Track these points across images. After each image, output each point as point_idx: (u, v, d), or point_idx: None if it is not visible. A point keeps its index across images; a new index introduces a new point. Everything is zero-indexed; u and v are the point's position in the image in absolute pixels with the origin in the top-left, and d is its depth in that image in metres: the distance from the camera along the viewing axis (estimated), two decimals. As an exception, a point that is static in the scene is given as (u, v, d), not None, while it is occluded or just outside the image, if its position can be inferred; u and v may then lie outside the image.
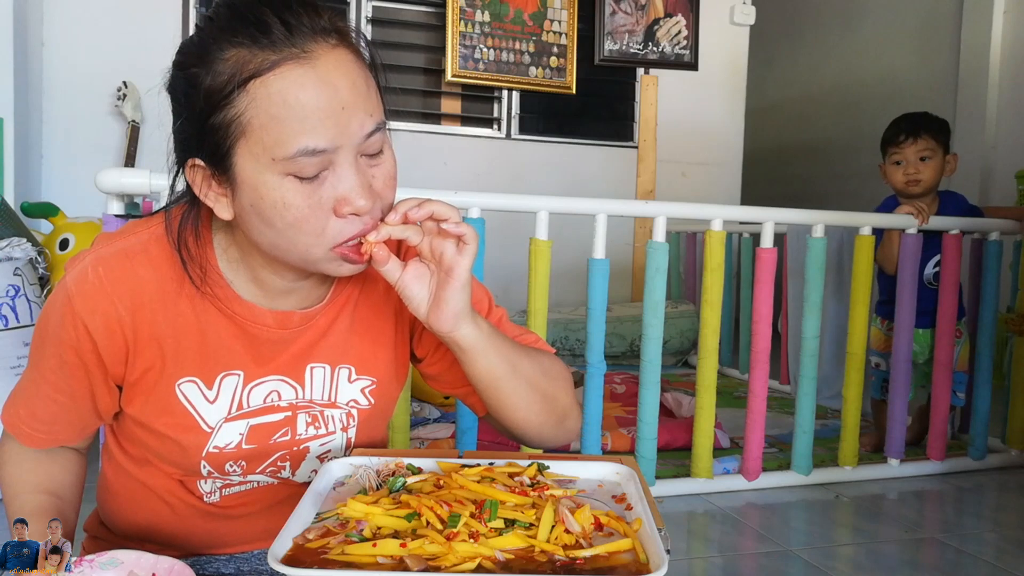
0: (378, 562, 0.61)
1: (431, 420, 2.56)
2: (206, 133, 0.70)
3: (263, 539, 0.91)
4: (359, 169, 0.72)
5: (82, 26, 3.49)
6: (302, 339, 0.85)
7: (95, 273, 0.77)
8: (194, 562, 0.89)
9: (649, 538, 0.65)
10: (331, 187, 0.71)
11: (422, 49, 4.07)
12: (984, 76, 4.39)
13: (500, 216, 2.02)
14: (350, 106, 0.69)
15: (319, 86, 0.68)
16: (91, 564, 0.70)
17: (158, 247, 0.79)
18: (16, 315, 1.96)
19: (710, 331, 2.13)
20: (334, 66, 0.69)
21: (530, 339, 0.94)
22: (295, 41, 0.68)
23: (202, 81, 0.69)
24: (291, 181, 0.70)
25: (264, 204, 0.71)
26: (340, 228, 0.72)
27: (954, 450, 2.52)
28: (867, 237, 2.29)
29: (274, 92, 0.67)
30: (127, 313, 0.78)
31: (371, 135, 0.72)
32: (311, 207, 0.70)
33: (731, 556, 1.83)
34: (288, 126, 0.67)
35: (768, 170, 5.91)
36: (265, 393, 0.84)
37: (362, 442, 0.92)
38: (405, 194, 1.96)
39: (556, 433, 0.90)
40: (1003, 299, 2.66)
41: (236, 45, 0.68)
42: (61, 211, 2.52)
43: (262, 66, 0.67)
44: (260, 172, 0.70)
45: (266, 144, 0.68)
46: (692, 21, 4.37)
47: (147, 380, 0.81)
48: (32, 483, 0.86)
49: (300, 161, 0.68)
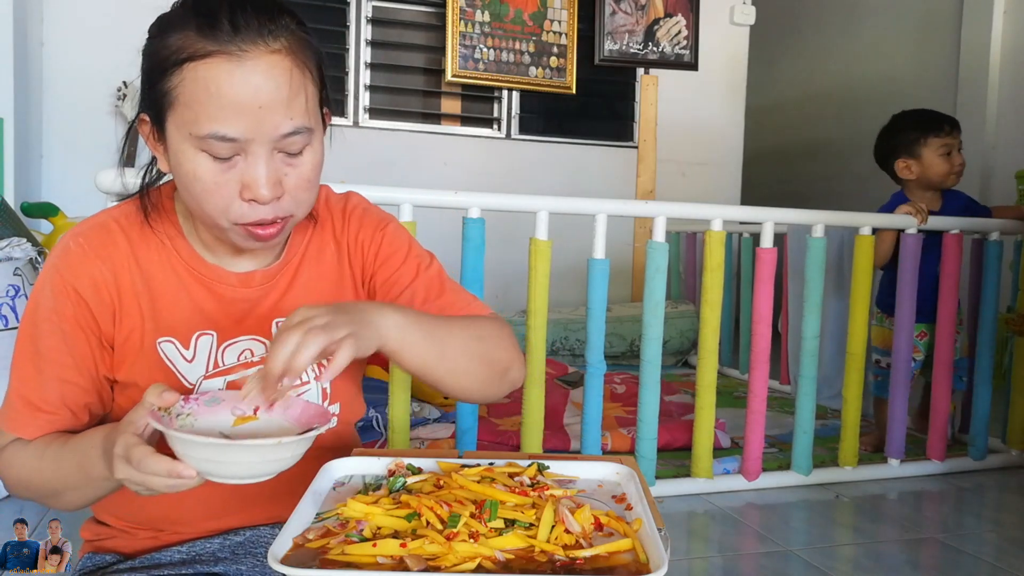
0: (378, 562, 0.61)
1: (431, 420, 2.56)
2: (151, 96, 0.80)
3: (254, 506, 0.91)
4: (270, 163, 0.78)
5: (82, 26, 3.49)
6: (268, 298, 0.91)
7: (76, 243, 0.85)
8: (189, 548, 0.90)
9: (649, 538, 0.65)
10: (240, 172, 0.78)
11: (422, 49, 4.07)
12: (984, 76, 4.38)
13: (500, 216, 2.02)
14: (267, 106, 0.76)
15: (240, 83, 0.75)
16: (197, 401, 0.77)
17: (128, 220, 0.88)
18: (16, 315, 1.96)
19: (710, 331, 2.13)
20: (264, 68, 0.76)
21: (461, 302, 0.96)
22: (236, 39, 0.75)
23: (155, 50, 0.78)
24: (204, 157, 0.77)
25: (181, 171, 0.80)
26: (243, 210, 0.79)
27: (954, 450, 2.52)
28: (867, 237, 2.29)
29: (200, 78, 0.75)
30: (111, 275, 0.85)
31: (288, 136, 0.78)
32: (217, 184, 0.78)
33: (731, 556, 1.83)
34: (205, 111, 0.75)
35: (768, 170, 5.90)
36: (238, 351, 0.90)
37: (340, 397, 0.96)
38: (404, 193, 1.95)
39: (500, 387, 0.92)
40: (1003, 299, 2.66)
41: (186, 29, 0.76)
42: (61, 211, 2.52)
43: (197, 53, 0.75)
44: (181, 142, 0.78)
45: (186, 120, 0.77)
46: (692, 21, 4.37)
47: (132, 342, 0.86)
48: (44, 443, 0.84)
49: (211, 142, 0.76)
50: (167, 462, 0.67)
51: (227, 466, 0.67)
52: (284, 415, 0.78)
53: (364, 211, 0.99)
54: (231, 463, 0.67)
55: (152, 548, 0.91)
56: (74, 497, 0.82)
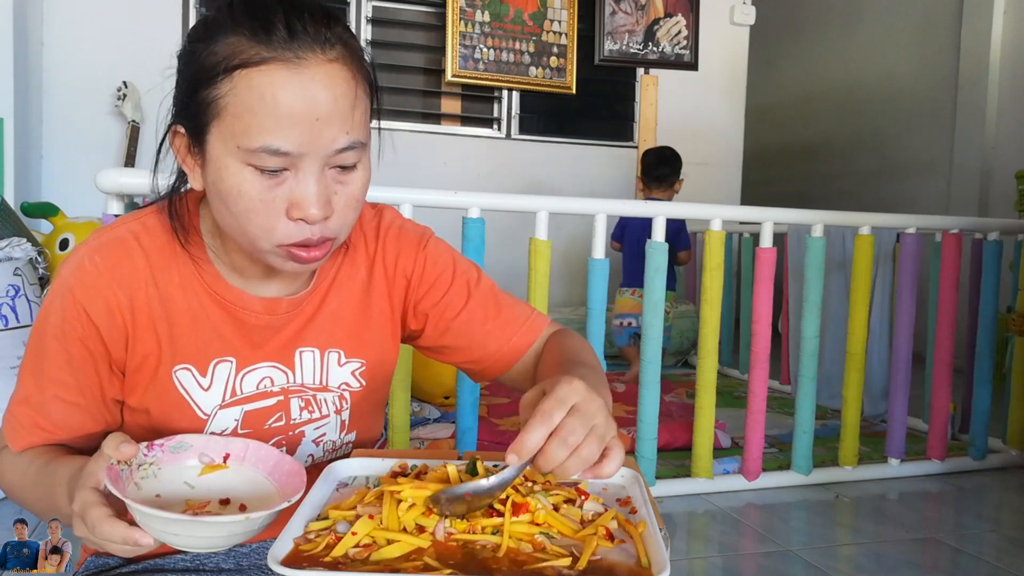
0: (379, 563, 0.61)
1: (431, 420, 2.56)
2: (191, 105, 0.73)
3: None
4: (321, 179, 0.73)
5: (82, 26, 3.49)
6: (291, 325, 0.86)
7: (91, 262, 0.79)
8: (194, 556, 0.89)
9: (653, 541, 0.65)
10: (289, 189, 0.72)
11: (422, 49, 4.07)
12: (984, 76, 4.39)
13: (500, 216, 2.02)
14: (324, 118, 0.71)
15: (298, 92, 0.70)
16: (161, 448, 0.72)
17: (149, 236, 0.82)
18: (16, 315, 1.96)
19: (710, 331, 2.13)
20: (321, 77, 0.71)
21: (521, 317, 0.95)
22: (292, 46, 0.70)
23: (199, 56, 0.72)
24: (251, 172, 0.72)
25: (223, 186, 0.73)
26: (288, 230, 0.74)
27: (954, 450, 2.52)
28: (867, 237, 2.29)
29: (254, 86, 0.70)
30: (125, 298, 0.80)
31: (342, 151, 0.73)
32: (264, 202, 0.72)
33: (731, 556, 1.83)
34: (258, 121, 0.70)
35: (768, 170, 5.91)
36: (257, 379, 0.86)
37: (357, 426, 0.93)
38: (404, 193, 1.95)
39: None
40: (1003, 299, 2.66)
41: (237, 34, 0.70)
42: (61, 211, 2.52)
43: (251, 59, 0.70)
44: (225, 155, 0.72)
45: (235, 131, 0.71)
46: (692, 21, 4.37)
47: (146, 368, 0.82)
48: (30, 459, 0.82)
49: (262, 156, 0.71)
50: (123, 529, 0.63)
51: (188, 539, 0.64)
52: (256, 466, 0.74)
53: (400, 229, 0.93)
54: (193, 536, 0.64)
55: (156, 554, 0.89)
56: (60, 518, 0.77)
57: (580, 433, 0.63)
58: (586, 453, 0.63)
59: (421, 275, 0.92)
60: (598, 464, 0.65)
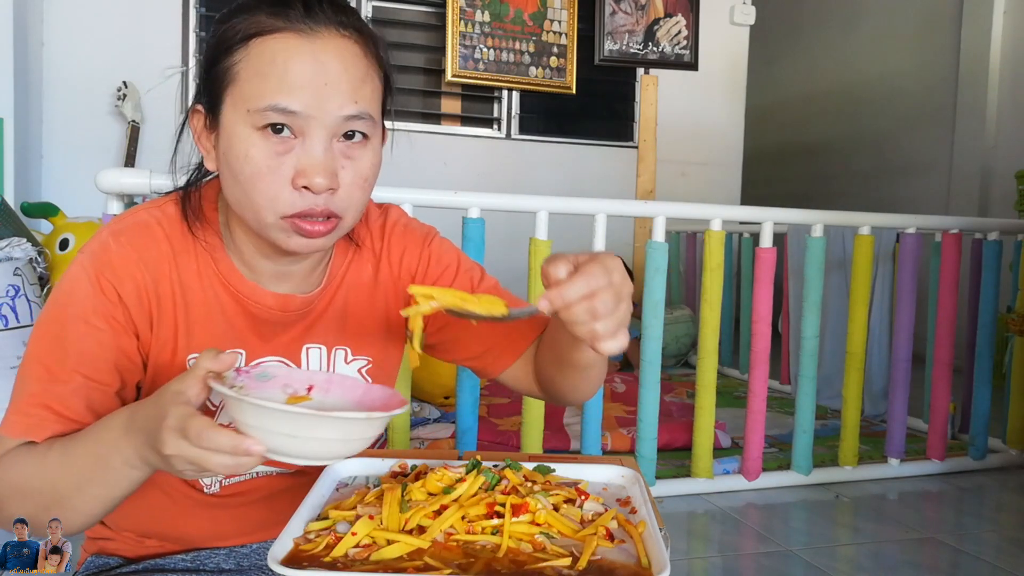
0: (379, 563, 0.61)
1: (431, 420, 2.56)
2: (209, 79, 0.77)
3: (263, 530, 0.91)
4: (328, 149, 0.74)
5: (82, 26, 3.49)
6: (301, 322, 0.87)
7: (117, 243, 0.79)
8: (194, 557, 0.89)
9: (653, 542, 0.65)
10: (296, 157, 0.73)
11: (422, 49, 4.07)
12: (984, 76, 4.39)
13: (500, 216, 2.02)
14: (333, 83, 0.73)
15: (308, 57, 0.72)
16: (248, 375, 0.70)
17: (169, 223, 0.82)
18: (16, 315, 1.96)
19: (710, 331, 2.13)
20: (333, 47, 0.73)
21: (540, 322, 0.95)
22: (307, 21, 0.73)
23: (219, 33, 0.76)
24: (258, 137, 0.73)
25: (232, 153, 0.74)
26: (292, 199, 0.74)
27: (954, 450, 2.52)
28: (867, 237, 2.29)
29: (267, 51, 0.73)
30: (151, 281, 0.80)
31: (350, 119, 0.74)
32: (270, 168, 0.73)
33: (731, 556, 1.83)
34: (268, 83, 0.72)
35: (768, 170, 5.91)
36: None
37: None
38: (404, 193, 1.95)
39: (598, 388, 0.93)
40: (1003, 299, 2.66)
41: (257, 12, 0.74)
42: (61, 211, 2.52)
43: (266, 28, 0.73)
44: (236, 122, 0.74)
45: (246, 95, 0.73)
46: (692, 21, 4.37)
47: (164, 354, 0.82)
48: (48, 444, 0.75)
49: (270, 116, 0.72)
50: (232, 436, 0.60)
51: (304, 443, 0.59)
52: (343, 397, 0.70)
53: (405, 227, 0.95)
54: (310, 439, 0.58)
55: (157, 554, 0.90)
56: (80, 503, 0.71)
57: (610, 307, 0.65)
58: (602, 328, 0.65)
59: (425, 271, 0.93)
60: (603, 340, 0.66)
